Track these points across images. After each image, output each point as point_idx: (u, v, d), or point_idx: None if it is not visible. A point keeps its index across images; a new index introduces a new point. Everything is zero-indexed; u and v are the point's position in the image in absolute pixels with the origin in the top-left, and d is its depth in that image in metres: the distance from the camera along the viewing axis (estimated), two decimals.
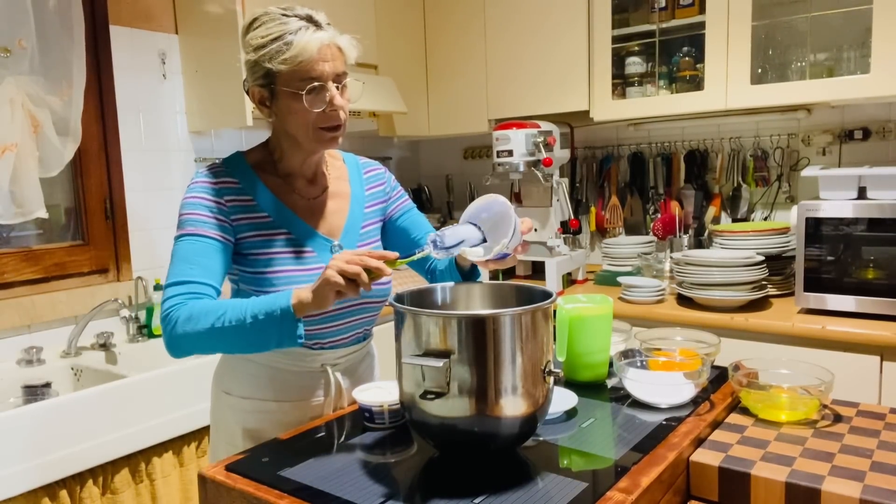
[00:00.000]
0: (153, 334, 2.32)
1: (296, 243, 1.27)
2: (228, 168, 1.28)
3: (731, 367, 1.28)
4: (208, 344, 1.14)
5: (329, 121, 1.22)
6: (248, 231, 1.24)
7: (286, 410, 1.31)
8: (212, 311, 1.13)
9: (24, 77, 1.97)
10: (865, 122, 2.39)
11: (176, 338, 1.14)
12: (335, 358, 1.34)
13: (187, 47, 2.45)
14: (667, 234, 2.71)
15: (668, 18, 2.46)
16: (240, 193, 1.25)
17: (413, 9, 2.98)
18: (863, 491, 0.95)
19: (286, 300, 1.10)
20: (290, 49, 1.16)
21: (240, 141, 2.67)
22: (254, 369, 1.32)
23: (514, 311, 0.98)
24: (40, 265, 2.14)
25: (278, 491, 0.97)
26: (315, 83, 1.18)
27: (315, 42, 1.17)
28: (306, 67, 1.17)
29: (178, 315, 1.14)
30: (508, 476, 0.98)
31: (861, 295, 1.95)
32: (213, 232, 1.20)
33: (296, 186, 1.31)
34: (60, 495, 1.66)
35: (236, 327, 1.11)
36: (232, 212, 1.23)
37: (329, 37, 1.19)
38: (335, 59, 1.21)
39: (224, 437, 1.36)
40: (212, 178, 1.25)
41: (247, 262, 1.25)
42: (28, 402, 1.84)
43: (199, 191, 1.23)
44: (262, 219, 1.26)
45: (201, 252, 1.19)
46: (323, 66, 1.18)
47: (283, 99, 1.21)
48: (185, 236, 1.20)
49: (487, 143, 3.24)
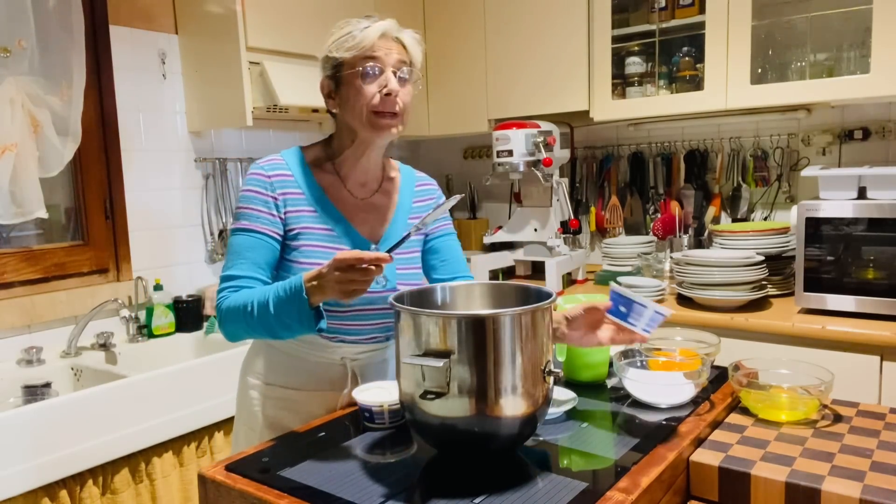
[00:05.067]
0: (153, 334, 2.33)
1: (335, 240, 1.31)
2: (285, 161, 1.33)
3: (731, 367, 1.28)
4: (246, 330, 1.23)
5: (384, 105, 1.26)
6: (293, 222, 1.30)
7: (303, 400, 1.36)
8: (243, 300, 1.21)
9: (24, 77, 1.97)
10: (865, 122, 2.39)
11: (223, 327, 1.25)
12: (354, 353, 1.36)
13: (187, 47, 2.45)
14: (667, 234, 2.71)
15: (668, 18, 2.46)
16: (292, 186, 1.31)
17: (413, 9, 2.98)
18: (863, 491, 0.95)
19: (298, 280, 1.15)
20: (353, 38, 1.25)
21: (240, 141, 2.67)
22: (277, 356, 1.37)
23: (514, 311, 0.98)
24: (40, 265, 2.14)
25: (278, 491, 0.97)
26: (370, 64, 1.24)
27: (376, 29, 1.25)
28: (366, 51, 1.24)
29: (227, 305, 1.23)
30: (508, 476, 0.98)
31: (861, 295, 1.95)
32: (263, 227, 1.27)
33: (347, 185, 1.36)
34: (60, 495, 1.66)
35: (261, 313, 1.18)
36: (282, 204, 1.29)
37: (389, 25, 1.27)
38: (399, 51, 1.28)
39: (245, 422, 1.41)
40: (266, 171, 1.30)
41: (287, 250, 1.30)
42: (28, 402, 1.85)
43: (253, 183, 1.30)
44: (309, 212, 1.31)
45: (252, 247, 1.26)
46: (381, 52, 1.25)
47: (344, 85, 1.27)
48: (240, 231, 1.28)
49: (487, 143, 3.24)
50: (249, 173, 1.31)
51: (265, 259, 1.27)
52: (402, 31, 1.30)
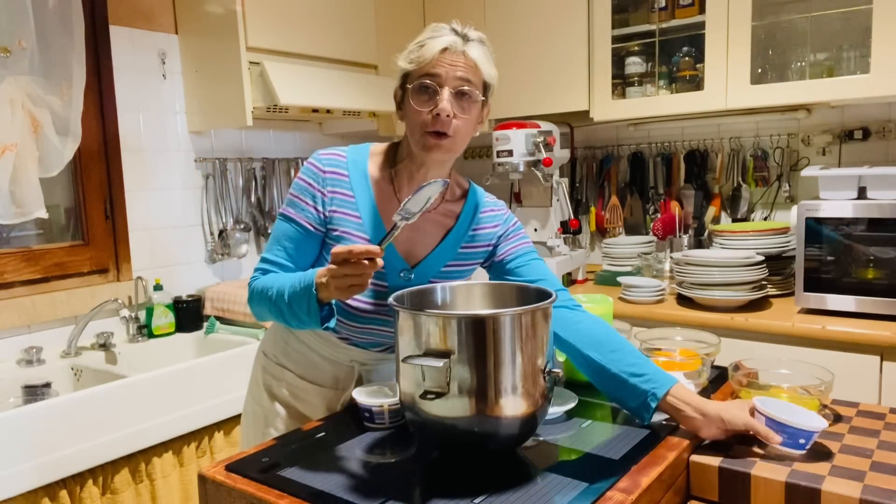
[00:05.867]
0: (153, 334, 2.33)
1: None
2: (347, 159, 1.29)
3: (731, 367, 1.28)
4: (269, 314, 1.24)
5: (434, 125, 1.19)
6: (336, 224, 1.26)
7: (308, 390, 1.38)
8: (268, 284, 1.22)
9: (24, 77, 1.97)
10: (865, 122, 2.39)
11: (253, 306, 1.27)
12: (364, 358, 1.37)
13: (187, 47, 2.45)
14: (667, 234, 2.71)
15: (668, 18, 2.46)
16: (344, 186, 1.26)
17: (413, 9, 2.98)
18: (863, 491, 0.95)
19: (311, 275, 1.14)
20: (419, 50, 1.20)
21: (240, 141, 2.67)
22: (293, 342, 1.39)
23: (514, 311, 0.98)
24: (40, 265, 2.14)
25: (278, 491, 0.97)
26: (427, 81, 1.19)
27: (440, 43, 1.19)
28: (426, 67, 1.19)
29: (254, 287, 1.25)
30: (508, 476, 0.98)
31: (861, 295, 1.95)
32: (306, 220, 1.25)
33: (400, 195, 1.29)
34: (60, 495, 1.66)
35: (278, 300, 1.19)
36: (329, 202, 1.26)
37: (456, 41, 1.20)
38: (462, 67, 1.19)
39: (253, 395, 1.45)
40: (323, 165, 1.27)
41: (325, 248, 1.28)
42: (28, 402, 1.84)
43: (307, 174, 1.27)
44: (353, 217, 1.26)
45: (291, 237, 1.26)
46: (441, 69, 1.18)
47: (406, 98, 1.23)
48: (285, 218, 1.27)
49: (487, 143, 3.23)
50: (308, 162, 1.28)
51: (301, 252, 1.26)
52: (470, 45, 1.21)
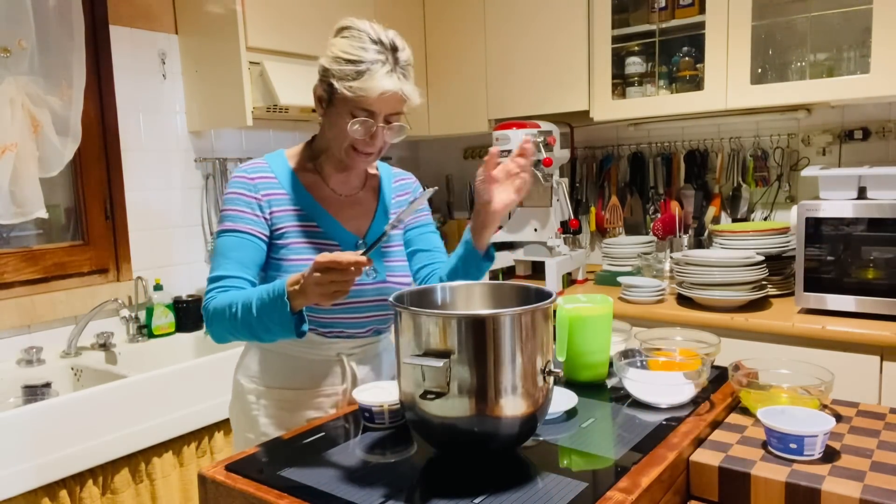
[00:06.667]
0: (153, 334, 2.33)
1: (323, 236, 1.34)
2: (268, 164, 1.36)
3: (731, 367, 1.28)
4: (231, 332, 1.23)
5: (364, 146, 1.29)
6: (280, 222, 1.32)
7: (303, 400, 1.36)
8: (228, 301, 1.21)
9: (24, 77, 1.97)
10: (865, 122, 2.39)
11: (209, 329, 1.26)
12: (350, 348, 1.38)
13: (187, 47, 2.45)
14: (667, 234, 2.71)
15: (668, 18, 2.46)
16: (275, 187, 1.33)
17: (413, 8, 2.98)
18: (863, 491, 0.95)
19: (281, 285, 1.16)
20: (358, 79, 1.23)
21: (240, 141, 2.67)
22: (272, 357, 1.38)
23: (513, 311, 0.98)
24: (40, 265, 2.14)
25: (278, 491, 0.97)
26: (365, 117, 1.26)
27: (381, 87, 1.23)
28: (364, 103, 1.24)
29: (213, 307, 1.24)
30: (508, 476, 0.98)
31: (861, 295, 1.95)
32: (248, 227, 1.29)
33: (329, 182, 1.39)
34: (60, 495, 1.66)
35: (244, 315, 1.19)
36: (266, 205, 1.31)
37: (397, 86, 1.24)
38: (396, 102, 1.27)
39: (245, 427, 1.40)
40: (249, 174, 1.33)
41: (274, 249, 1.32)
42: (28, 402, 1.85)
43: (237, 186, 1.32)
44: (294, 211, 1.33)
45: (237, 247, 1.28)
46: (379, 106, 1.25)
47: (335, 112, 1.28)
48: (224, 232, 1.29)
49: (487, 142, 3.24)
50: (233, 177, 1.33)
51: (251, 258, 1.28)
52: (406, 83, 1.26)
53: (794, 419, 1.08)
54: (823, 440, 1.04)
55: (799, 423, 1.06)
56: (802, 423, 1.06)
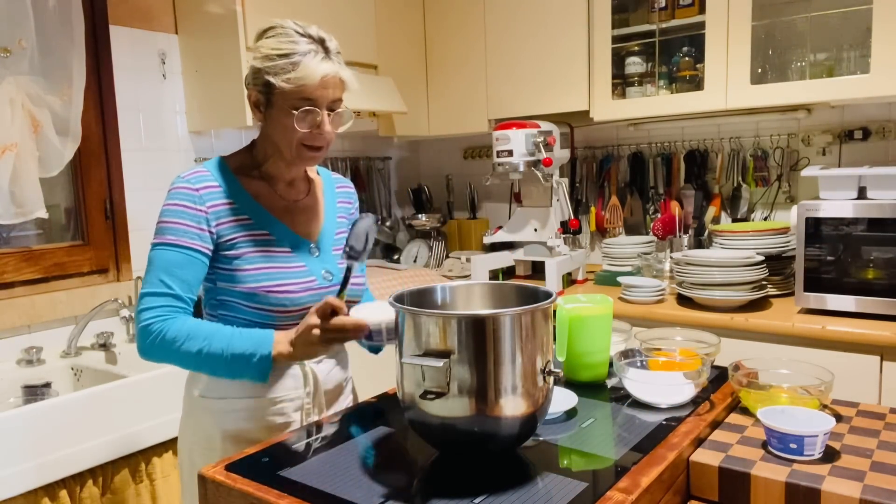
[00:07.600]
0: None
1: (274, 243, 1.32)
2: (210, 172, 1.31)
3: (731, 367, 1.28)
4: (186, 364, 1.23)
5: (313, 141, 1.28)
6: (229, 233, 1.28)
7: (265, 406, 1.30)
8: (198, 336, 1.20)
9: (24, 77, 1.97)
10: (865, 122, 2.39)
11: (154, 351, 1.21)
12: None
13: (187, 47, 2.45)
14: (667, 234, 2.71)
15: (668, 18, 2.46)
16: (221, 197, 1.29)
17: (413, 9, 2.98)
18: (863, 491, 0.95)
19: (268, 348, 1.19)
20: (295, 70, 1.22)
21: (240, 141, 2.67)
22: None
23: (513, 311, 0.98)
24: (40, 265, 2.14)
25: (278, 491, 0.97)
26: (309, 107, 1.25)
27: (320, 71, 1.23)
28: (305, 91, 1.24)
29: (162, 330, 1.20)
30: (508, 476, 0.98)
31: (861, 295, 1.95)
32: (192, 242, 1.24)
33: (276, 189, 1.37)
34: (60, 495, 1.66)
35: (216, 357, 1.20)
36: (213, 217, 1.27)
37: (334, 69, 1.26)
38: (335, 87, 1.27)
39: (201, 443, 1.33)
40: (194, 184, 1.28)
41: (225, 260, 1.28)
42: (28, 402, 1.84)
43: (179, 197, 1.26)
44: (243, 220, 1.30)
45: (180, 263, 1.23)
46: (321, 93, 1.25)
47: (276, 111, 1.27)
48: (165, 245, 1.24)
49: (487, 143, 3.24)
50: (174, 187, 1.27)
51: (195, 276, 1.25)
52: (342, 68, 1.28)
53: (794, 419, 1.08)
54: (823, 440, 1.04)
55: (799, 423, 1.06)
56: (802, 423, 1.06)
